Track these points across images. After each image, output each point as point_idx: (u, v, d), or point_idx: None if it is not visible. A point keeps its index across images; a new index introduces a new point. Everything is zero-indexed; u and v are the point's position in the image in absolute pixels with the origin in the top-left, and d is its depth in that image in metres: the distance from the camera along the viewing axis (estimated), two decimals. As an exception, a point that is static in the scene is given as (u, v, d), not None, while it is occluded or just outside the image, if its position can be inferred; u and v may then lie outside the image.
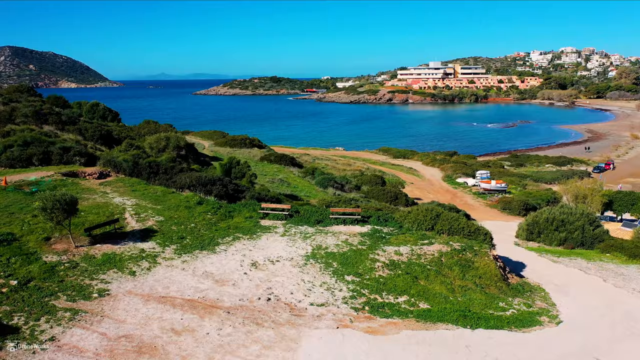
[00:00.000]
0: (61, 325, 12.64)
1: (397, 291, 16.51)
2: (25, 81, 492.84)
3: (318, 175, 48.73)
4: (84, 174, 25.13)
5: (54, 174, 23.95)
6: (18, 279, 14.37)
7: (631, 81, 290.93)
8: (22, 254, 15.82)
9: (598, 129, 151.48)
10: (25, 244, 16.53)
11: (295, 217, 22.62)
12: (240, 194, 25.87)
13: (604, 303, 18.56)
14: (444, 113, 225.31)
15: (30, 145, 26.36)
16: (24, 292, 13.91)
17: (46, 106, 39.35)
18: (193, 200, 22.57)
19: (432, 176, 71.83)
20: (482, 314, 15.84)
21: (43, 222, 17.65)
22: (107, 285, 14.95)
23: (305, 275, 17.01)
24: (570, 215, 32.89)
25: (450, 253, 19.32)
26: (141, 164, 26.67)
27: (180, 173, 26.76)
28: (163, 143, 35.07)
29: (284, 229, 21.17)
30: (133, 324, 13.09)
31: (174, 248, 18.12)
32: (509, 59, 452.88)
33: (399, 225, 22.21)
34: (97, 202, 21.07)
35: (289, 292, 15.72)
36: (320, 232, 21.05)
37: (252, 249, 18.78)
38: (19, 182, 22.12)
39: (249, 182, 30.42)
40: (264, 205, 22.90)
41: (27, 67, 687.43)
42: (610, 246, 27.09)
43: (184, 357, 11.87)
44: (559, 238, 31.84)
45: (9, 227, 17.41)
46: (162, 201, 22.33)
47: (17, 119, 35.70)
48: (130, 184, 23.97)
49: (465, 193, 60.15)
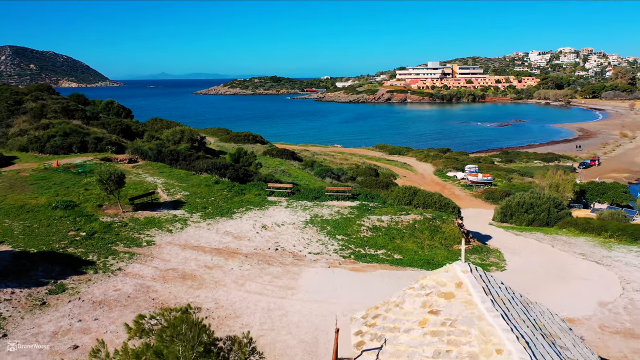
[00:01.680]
0: (124, 261, 17.10)
1: (377, 246, 20.97)
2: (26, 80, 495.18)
3: (316, 167, 53.12)
4: (116, 159, 29.58)
5: (93, 158, 28.43)
6: (85, 232, 18.83)
7: (627, 81, 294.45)
8: (84, 215, 20.28)
9: (589, 127, 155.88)
10: (84, 209, 21.00)
11: (296, 194, 27.07)
12: (249, 177, 30.32)
13: (545, 260, 23.03)
14: (441, 112, 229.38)
15: (69, 135, 30.81)
16: (92, 240, 18.36)
17: (72, 103, 43.74)
18: (211, 180, 27.03)
19: (424, 170, 76.23)
20: (442, 262, 20.26)
21: (95, 193, 22.13)
22: (152, 238, 19.42)
23: (305, 234, 21.49)
24: (538, 200, 37.33)
25: (422, 221, 23.79)
26: (164, 152, 31.10)
27: (197, 160, 31.20)
28: (178, 136, 39.54)
29: (287, 202, 25.64)
30: (176, 262, 17.54)
31: (199, 215, 22.60)
32: (507, 59, 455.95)
33: (382, 201, 26.67)
34: (133, 180, 25.53)
35: (292, 245, 20.20)
36: (317, 205, 25.52)
37: (262, 217, 23.26)
38: (67, 165, 26.60)
39: (255, 169, 34.84)
40: (270, 184, 27.38)
41: (28, 67, 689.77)
42: (566, 223, 31.54)
43: (216, 282, 16.32)
44: (528, 219, 36.26)
45: (69, 197, 21.87)
46: (186, 180, 26.81)
47: (48, 114, 40.10)
48: (157, 167, 28.46)
49: (453, 185, 64.56)
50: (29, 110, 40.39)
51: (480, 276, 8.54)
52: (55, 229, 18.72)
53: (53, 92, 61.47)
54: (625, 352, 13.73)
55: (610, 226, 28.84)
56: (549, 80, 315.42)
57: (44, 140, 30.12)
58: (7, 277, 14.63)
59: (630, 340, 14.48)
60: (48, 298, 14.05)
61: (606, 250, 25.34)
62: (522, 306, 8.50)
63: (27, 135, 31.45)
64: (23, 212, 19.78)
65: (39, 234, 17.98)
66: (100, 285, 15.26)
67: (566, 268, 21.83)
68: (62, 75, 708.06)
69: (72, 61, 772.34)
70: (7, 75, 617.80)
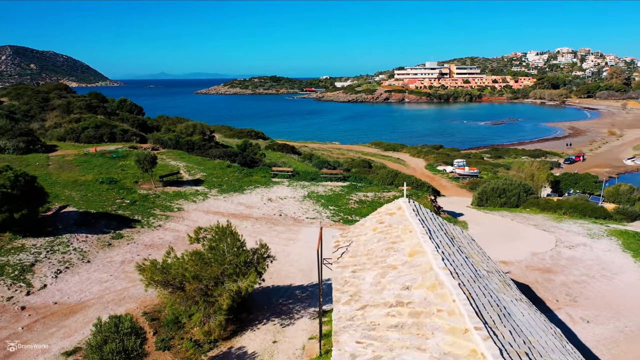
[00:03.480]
0: (162, 220, 21.97)
1: (362, 214, 25.83)
2: (26, 80, 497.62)
3: (314, 160, 58.03)
4: (141, 147, 34.43)
5: (123, 146, 33.30)
6: (129, 200, 23.70)
7: (622, 81, 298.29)
8: (125, 188, 25.16)
9: (580, 126, 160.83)
10: (124, 184, 25.88)
11: (296, 177, 31.96)
12: (255, 163, 35.20)
13: (502, 228, 27.93)
14: (437, 112, 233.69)
15: (100, 127, 35.67)
16: (135, 206, 23.24)
17: (94, 100, 48.60)
18: (224, 164, 31.91)
19: (416, 165, 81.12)
20: (414, 227, 25.12)
21: (131, 172, 27.01)
22: (181, 206, 24.30)
23: (303, 205, 26.38)
24: (510, 185, 42.21)
25: (400, 196, 28.65)
26: (181, 141, 35.96)
27: (210, 149, 36.09)
28: (191, 129, 44.41)
29: (288, 182, 30.54)
30: (201, 222, 22.40)
31: (217, 190, 27.48)
32: (505, 59, 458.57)
33: (369, 182, 31.57)
34: (159, 163, 30.37)
35: (293, 212, 25.10)
36: (313, 184, 30.42)
37: (268, 192, 28.16)
38: (103, 151, 31.49)
39: (260, 158, 39.74)
40: (274, 168, 32.26)
41: (28, 67, 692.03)
42: (530, 203, 36.44)
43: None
44: (500, 202, 41.12)
45: (110, 175, 26.76)
46: (203, 164, 31.69)
47: (74, 110, 44.96)
48: (177, 154, 33.35)
49: (442, 178, 69.48)
50: (57, 107, 45.25)
51: (413, 203, 13.44)
52: (105, 197, 23.61)
53: (70, 91, 66.39)
54: (539, 280, 18.62)
55: (565, 205, 33.74)
56: (545, 80, 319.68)
57: (79, 131, 34.99)
58: (80, 227, 19.51)
59: (545, 274, 19.37)
60: (112, 241, 18.93)
61: (556, 222, 30.21)
62: (439, 222, 13.40)
63: (63, 127, 36.31)
64: (77, 186, 24.66)
65: (93, 201, 22.86)
66: (147, 235, 20.16)
67: (517, 233, 26.71)
68: (63, 75, 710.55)
69: (72, 61, 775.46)
70: (8, 75, 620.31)
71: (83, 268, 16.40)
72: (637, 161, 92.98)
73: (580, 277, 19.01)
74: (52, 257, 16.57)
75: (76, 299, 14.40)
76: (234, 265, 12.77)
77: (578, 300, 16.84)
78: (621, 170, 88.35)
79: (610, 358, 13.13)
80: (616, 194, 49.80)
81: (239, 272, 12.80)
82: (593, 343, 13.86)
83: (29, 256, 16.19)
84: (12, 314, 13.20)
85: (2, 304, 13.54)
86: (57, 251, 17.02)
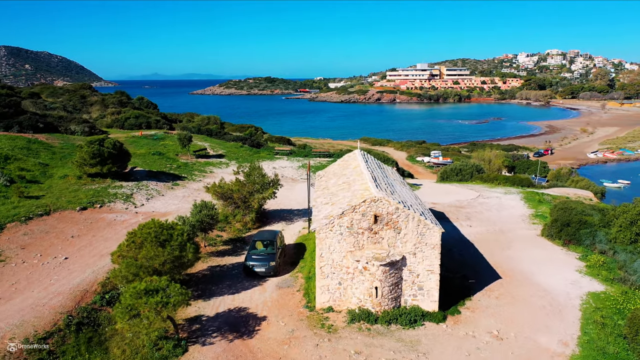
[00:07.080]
0: (200, 178, 31.81)
1: (341, 178, 35.76)
2: (21, 81, 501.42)
3: (308, 149, 67.97)
4: (171, 133, 44.17)
5: (159, 132, 43.08)
6: (175, 165, 33.50)
7: (605, 82, 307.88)
8: (170, 158, 34.98)
9: (557, 124, 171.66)
10: (168, 156, 35.68)
11: (293, 154, 41.86)
12: (261, 145, 45.04)
13: (443, 189, 37.93)
14: (427, 111, 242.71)
15: (138, 118, 45.40)
16: (180, 169, 33.04)
17: (123, 97, 58.32)
18: (238, 145, 41.79)
19: (398, 156, 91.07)
20: (378, 186, 35.08)
21: (172, 149, 36.82)
22: (212, 170, 34.14)
23: (298, 172, 36.30)
24: (466, 167, 52.29)
25: (371, 167, 38.66)
26: (202, 129, 45.78)
27: (225, 135, 45.91)
28: (206, 120, 54.22)
29: (287, 158, 40.44)
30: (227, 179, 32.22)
31: (235, 161, 37.34)
32: (496, 61, 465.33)
33: (348, 158, 41.53)
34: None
35: (291, 175, 35.00)
36: (306, 158, 40.34)
37: (272, 163, 38.08)
38: (145, 135, 41.28)
39: (264, 142, 49.63)
40: (276, 148, 42.20)
41: (23, 67, 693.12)
42: (476, 178, 46.52)
43: (252, 186, 31.07)
44: (457, 179, 51.15)
45: (157, 149, 36.56)
46: (222, 145, 41.57)
47: (109, 106, 54.63)
48: (202, 137, 43.25)
49: (419, 166, 79.70)
50: (94, 103, 54.92)
51: (364, 153, 23.41)
52: (158, 163, 33.43)
53: (94, 90, 75.93)
54: (452, 211, 28.62)
55: (500, 178, 43.82)
56: (532, 82, 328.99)
57: (122, 121, 44.73)
58: (150, 178, 29.32)
59: (457, 208, 29.39)
60: (173, 186, 28.75)
61: (489, 188, 40.23)
62: (378, 163, 23.35)
63: (107, 118, 46.03)
64: (136, 156, 34.45)
65: (152, 164, 32.66)
66: (193, 184, 30.03)
67: (453, 191, 36.74)
68: (57, 75, 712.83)
69: (67, 61, 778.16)
70: (3, 75, 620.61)
71: (161, 198, 26.26)
72: (598, 154, 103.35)
73: (480, 210, 29.06)
74: (140, 192, 26.41)
75: (163, 211, 24.22)
76: (259, 185, 22.67)
77: (471, 219, 26.86)
78: (583, 162, 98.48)
79: (475, 239, 23.10)
80: (558, 175, 60.22)
81: (263, 189, 22.69)
82: (468, 234, 23.86)
83: (127, 190, 26.03)
84: (132, 214, 23.00)
85: (125, 210, 23.37)
86: (142, 189, 26.87)
